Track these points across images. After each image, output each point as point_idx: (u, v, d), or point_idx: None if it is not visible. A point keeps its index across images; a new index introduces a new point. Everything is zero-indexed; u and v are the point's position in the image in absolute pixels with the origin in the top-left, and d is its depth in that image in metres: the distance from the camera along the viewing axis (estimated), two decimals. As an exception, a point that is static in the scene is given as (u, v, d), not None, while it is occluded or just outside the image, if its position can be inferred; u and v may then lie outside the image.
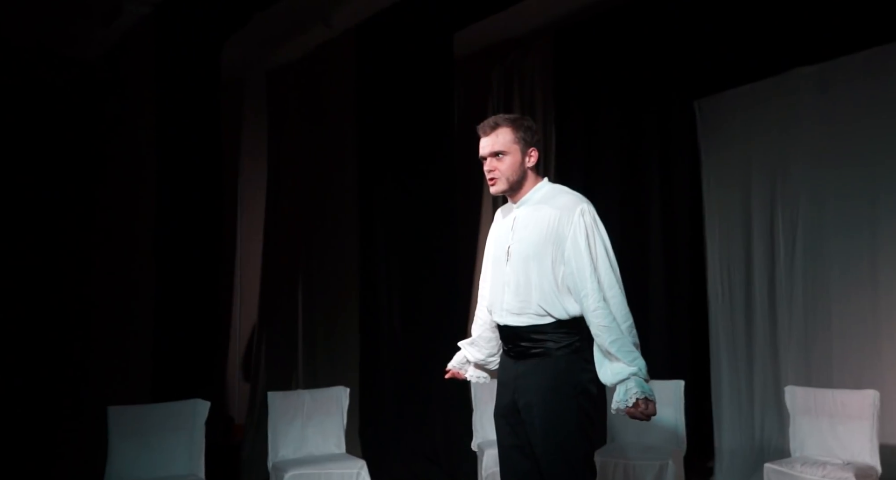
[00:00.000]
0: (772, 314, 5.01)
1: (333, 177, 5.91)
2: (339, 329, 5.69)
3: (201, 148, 5.06)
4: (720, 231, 5.31)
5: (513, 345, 2.78)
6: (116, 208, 5.48)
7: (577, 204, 2.71)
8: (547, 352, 2.68)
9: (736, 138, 5.26)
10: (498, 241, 2.87)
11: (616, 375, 2.59)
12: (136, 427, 3.88)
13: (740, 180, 5.21)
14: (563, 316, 2.68)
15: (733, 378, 5.14)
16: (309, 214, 6.12)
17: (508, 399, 2.77)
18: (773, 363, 4.97)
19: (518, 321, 2.74)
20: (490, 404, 4.79)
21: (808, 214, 4.88)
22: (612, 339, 2.59)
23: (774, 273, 5.01)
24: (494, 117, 2.83)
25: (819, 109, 4.83)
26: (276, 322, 6.23)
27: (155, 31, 5.10)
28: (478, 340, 2.99)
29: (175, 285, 4.86)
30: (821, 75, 4.84)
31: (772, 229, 5.04)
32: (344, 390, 4.56)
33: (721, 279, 5.26)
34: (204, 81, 5.12)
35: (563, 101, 5.92)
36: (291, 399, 4.49)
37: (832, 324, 4.73)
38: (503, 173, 2.77)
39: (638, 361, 2.58)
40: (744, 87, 5.21)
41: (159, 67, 5.03)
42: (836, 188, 4.76)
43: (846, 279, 4.70)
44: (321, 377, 5.66)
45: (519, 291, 2.73)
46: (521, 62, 6.21)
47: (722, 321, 5.22)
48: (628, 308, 2.65)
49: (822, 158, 4.82)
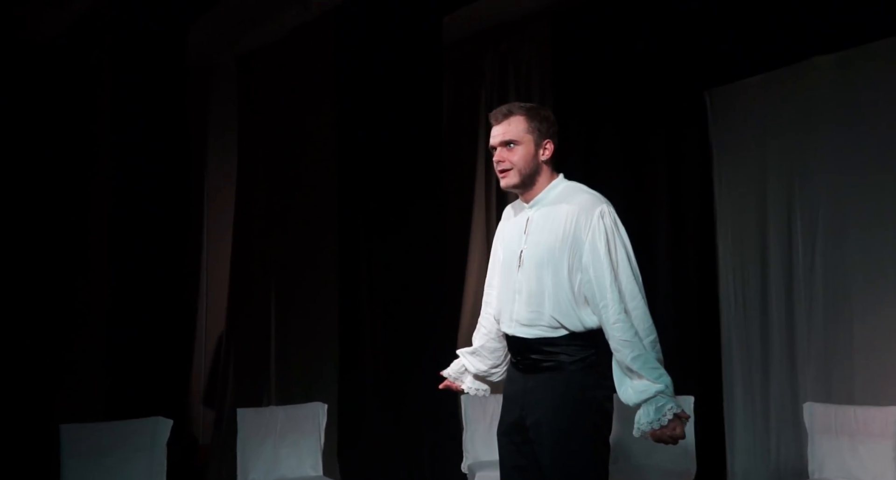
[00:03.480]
0: (789, 326, 5.01)
1: (310, 173, 5.92)
2: (315, 339, 5.69)
3: (163, 141, 5.05)
4: (733, 235, 5.31)
5: (522, 357, 2.77)
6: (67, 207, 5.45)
7: (597, 205, 2.70)
8: (559, 366, 2.67)
9: (750, 133, 5.25)
10: (508, 243, 2.86)
11: (640, 393, 2.56)
12: (91, 447, 3.86)
13: (755, 179, 5.20)
14: (578, 329, 2.67)
15: (747, 394, 5.15)
16: (283, 213, 6.11)
17: (515, 416, 2.76)
18: (790, 377, 4.98)
19: (529, 333, 2.72)
20: (483, 421, 4.89)
21: (828, 217, 4.88)
22: (633, 355, 2.57)
23: (792, 282, 5.00)
24: (508, 105, 2.83)
25: (841, 101, 4.82)
26: (246, 332, 6.23)
27: (113, 11, 5.09)
28: (481, 350, 2.98)
29: (133, 291, 4.85)
30: (843, 64, 4.83)
31: (789, 234, 5.04)
32: (321, 406, 4.55)
33: (734, 288, 5.25)
34: (167, 67, 5.11)
35: (561, 90, 5.92)
36: (263, 417, 4.48)
37: (854, 336, 4.73)
38: (515, 165, 2.77)
39: (664, 378, 2.57)
40: (758, 76, 5.19)
41: (117, 52, 5.02)
42: (859, 189, 4.75)
43: (870, 288, 4.70)
44: (296, 392, 5.66)
45: (531, 300, 2.72)
46: (516, 49, 6.22)
47: (735, 332, 5.22)
48: (652, 321, 2.63)
49: (845, 155, 4.82)
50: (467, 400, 4.87)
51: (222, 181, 6.77)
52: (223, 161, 6.76)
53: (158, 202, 5.00)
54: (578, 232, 2.68)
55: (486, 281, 3.02)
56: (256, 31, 6.20)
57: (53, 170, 5.69)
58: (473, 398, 4.66)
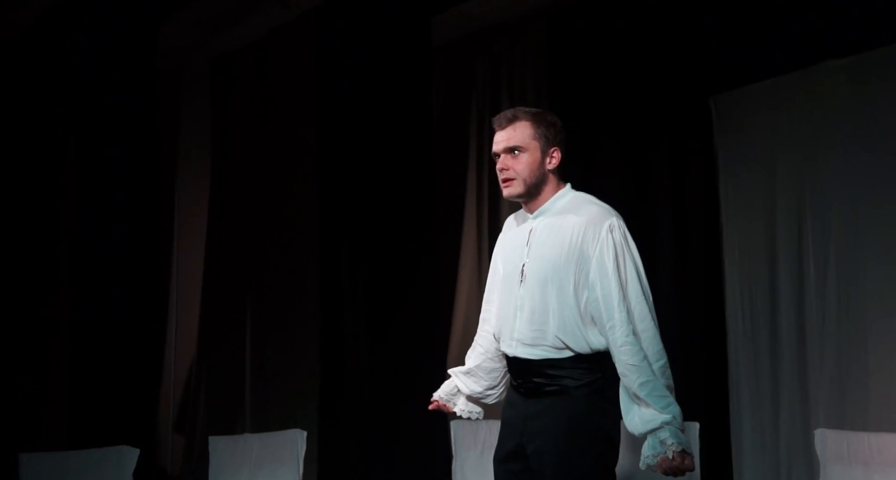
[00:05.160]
0: (800, 347, 4.98)
1: (289, 183, 5.95)
2: (294, 361, 5.70)
3: (132, 149, 5.08)
4: (740, 250, 5.27)
5: (523, 380, 2.75)
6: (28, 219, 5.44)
7: (606, 218, 2.70)
8: (564, 390, 2.66)
9: (758, 141, 5.23)
10: (509, 256, 2.85)
11: (646, 423, 2.56)
12: (53, 478, 3.86)
13: (763, 191, 5.18)
14: (584, 350, 2.66)
15: (756, 420, 5.12)
16: (260, 227, 6.13)
17: (514, 443, 2.74)
18: (801, 402, 4.95)
19: (531, 353, 2.71)
20: (474, 448, 4.83)
21: (842, 230, 4.85)
22: (641, 381, 2.56)
23: (804, 299, 4.98)
24: (513, 109, 2.83)
25: (855, 108, 4.82)
26: (219, 353, 6.23)
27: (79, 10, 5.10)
28: (476, 370, 2.96)
29: (97, 311, 4.84)
30: (855, 69, 4.83)
31: (800, 248, 5.01)
32: (300, 433, 4.45)
33: (741, 306, 5.23)
34: (137, 69, 5.15)
35: (557, 95, 5.89)
36: (237, 445, 4.46)
37: (870, 358, 4.71)
38: (519, 174, 2.76)
39: (672, 407, 2.56)
40: (767, 81, 5.19)
41: (82, 54, 5.04)
42: (875, 201, 4.73)
43: (887, 307, 4.67)
44: (273, 418, 5.66)
45: (534, 319, 2.70)
46: (510, 51, 6.21)
47: (743, 353, 5.20)
48: (662, 344, 2.62)
49: (859, 165, 4.80)
50: (457, 426, 4.79)
51: (194, 192, 6.77)
52: (195, 171, 6.77)
53: (125, 216, 5.03)
54: (585, 246, 2.67)
55: (485, 296, 3.00)
56: (232, 32, 6.22)
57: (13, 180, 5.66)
58: (464, 424, 4.56)
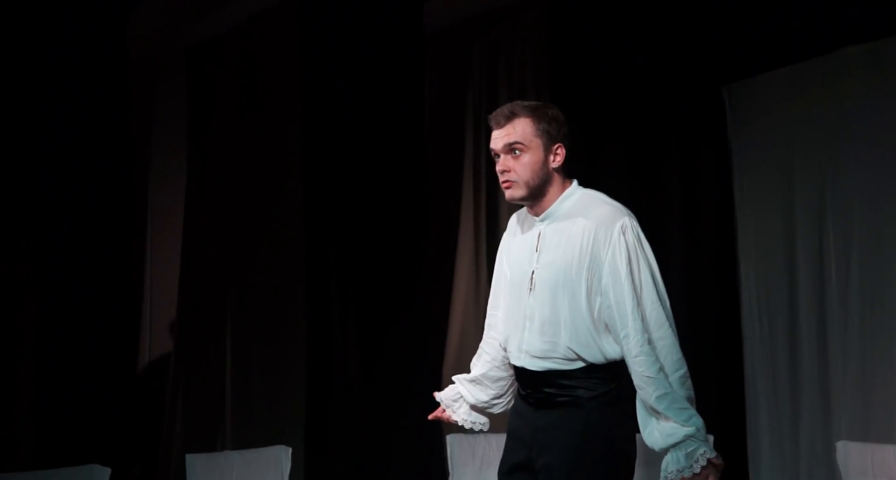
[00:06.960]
0: (821, 354, 4.98)
1: (272, 180, 5.91)
2: (279, 373, 5.67)
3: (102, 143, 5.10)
4: (756, 251, 5.28)
5: (533, 390, 2.74)
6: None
7: (618, 218, 2.68)
8: (576, 401, 2.67)
9: (774, 133, 5.24)
10: (517, 263, 2.84)
11: (668, 437, 2.55)
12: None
13: (780, 188, 5.19)
14: (599, 360, 2.65)
15: (774, 433, 5.13)
16: (240, 227, 6.10)
17: (522, 456, 2.74)
18: (823, 413, 4.96)
19: (541, 366, 2.70)
20: (471, 464, 4.82)
21: (865, 230, 4.86)
22: (658, 393, 2.55)
23: (825, 303, 4.98)
24: (510, 105, 2.79)
25: (876, 96, 4.83)
26: (198, 364, 6.20)
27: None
28: (482, 378, 2.96)
29: (64, 318, 4.83)
30: (875, 55, 4.84)
31: (820, 247, 5.02)
32: (285, 450, 4.45)
33: (758, 311, 5.24)
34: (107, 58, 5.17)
35: (558, 85, 5.87)
36: (217, 463, 4.47)
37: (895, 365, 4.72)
38: (520, 176, 2.73)
39: (695, 419, 2.55)
40: (782, 69, 5.20)
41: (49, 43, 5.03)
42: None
43: (914, 310, 4.70)
44: (256, 433, 5.63)
45: (544, 329, 2.70)
46: (508, 38, 6.20)
47: (760, 361, 5.21)
48: (681, 353, 2.60)
49: (881, 157, 4.81)
50: (454, 440, 4.78)
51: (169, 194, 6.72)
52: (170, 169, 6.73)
53: (95, 214, 5.05)
54: (597, 250, 2.66)
55: (490, 301, 2.99)
56: (210, 18, 6.19)
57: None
58: (461, 438, 4.60)
